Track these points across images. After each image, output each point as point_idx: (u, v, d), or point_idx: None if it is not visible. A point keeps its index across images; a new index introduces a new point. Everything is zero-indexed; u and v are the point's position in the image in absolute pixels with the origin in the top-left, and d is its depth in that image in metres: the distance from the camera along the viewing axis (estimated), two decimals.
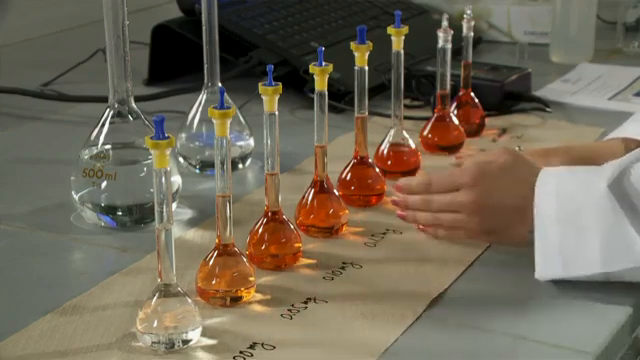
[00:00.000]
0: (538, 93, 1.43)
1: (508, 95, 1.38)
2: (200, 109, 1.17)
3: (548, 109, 1.38)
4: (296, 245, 0.96)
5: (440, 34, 1.20)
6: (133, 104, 1.04)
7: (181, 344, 0.82)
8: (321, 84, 0.98)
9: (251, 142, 1.20)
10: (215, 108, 0.85)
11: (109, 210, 1.04)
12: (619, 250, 0.88)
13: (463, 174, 0.98)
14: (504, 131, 1.31)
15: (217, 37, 1.14)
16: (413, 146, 1.16)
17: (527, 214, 0.93)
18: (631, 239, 0.88)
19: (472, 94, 1.29)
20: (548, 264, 0.91)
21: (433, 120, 1.24)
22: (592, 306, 0.89)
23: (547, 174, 0.94)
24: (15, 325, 0.85)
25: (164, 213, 0.81)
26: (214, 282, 0.89)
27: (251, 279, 0.90)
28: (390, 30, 1.09)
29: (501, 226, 0.97)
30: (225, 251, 0.89)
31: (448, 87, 1.22)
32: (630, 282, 0.90)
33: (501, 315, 0.88)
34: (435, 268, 0.95)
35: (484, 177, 0.97)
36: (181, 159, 1.19)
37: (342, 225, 1.03)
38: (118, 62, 1.01)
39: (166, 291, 0.83)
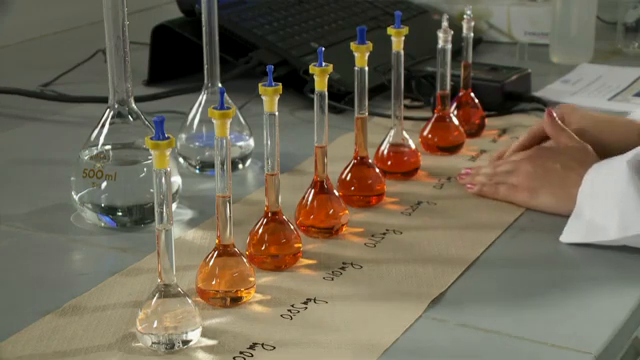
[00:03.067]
0: (538, 94, 1.43)
1: (508, 95, 1.38)
2: (200, 109, 1.17)
3: None
4: (296, 245, 0.96)
5: (440, 35, 1.20)
6: (133, 104, 1.04)
7: (181, 344, 0.82)
8: (321, 84, 0.98)
9: (251, 142, 1.20)
10: (215, 108, 0.85)
11: (109, 210, 1.04)
12: (634, 218, 0.97)
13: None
14: (504, 131, 1.32)
15: (217, 38, 1.14)
16: (413, 146, 1.16)
17: (567, 186, 1.04)
18: None
19: (472, 94, 1.29)
20: (574, 230, 1.01)
21: (433, 120, 1.24)
22: (592, 306, 0.89)
23: (598, 165, 1.04)
24: (15, 326, 0.85)
25: (164, 214, 0.81)
26: (214, 282, 0.89)
27: (251, 279, 0.90)
28: (390, 31, 1.09)
29: (543, 185, 1.07)
30: (225, 251, 0.89)
31: (448, 87, 1.22)
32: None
33: (501, 315, 0.88)
34: (435, 268, 0.95)
35: (543, 148, 1.12)
36: (181, 159, 1.19)
37: (342, 225, 1.03)
38: (118, 62, 1.01)
39: (166, 291, 0.83)
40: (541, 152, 1.11)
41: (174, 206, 1.06)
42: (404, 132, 1.15)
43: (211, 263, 0.89)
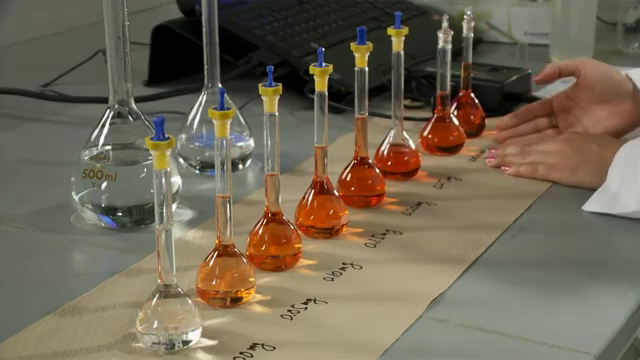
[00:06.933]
0: (538, 94, 1.43)
1: (508, 96, 1.38)
2: (200, 110, 1.17)
3: None
4: (296, 246, 0.96)
5: (440, 35, 1.20)
6: (133, 105, 1.04)
7: (181, 345, 0.82)
8: (321, 85, 0.98)
9: (251, 143, 1.20)
10: (215, 109, 0.85)
11: (109, 211, 1.04)
12: None
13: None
14: None
15: (217, 38, 1.14)
16: (413, 147, 1.16)
17: (604, 163, 1.08)
18: None
19: (472, 95, 1.29)
20: (598, 201, 1.06)
21: (433, 121, 1.24)
22: (592, 306, 0.89)
23: (631, 142, 1.10)
24: (15, 326, 0.85)
25: (164, 214, 0.81)
26: (214, 283, 0.89)
27: (251, 280, 0.90)
28: (390, 31, 1.09)
29: (582, 163, 1.12)
30: (225, 252, 0.89)
31: (448, 88, 1.22)
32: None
33: (501, 315, 0.88)
34: (435, 268, 0.95)
35: (575, 133, 1.20)
36: (181, 160, 1.19)
37: (342, 226, 1.03)
38: (118, 63, 1.01)
39: (166, 292, 0.83)
40: (574, 135, 1.17)
41: (174, 206, 1.06)
42: (404, 132, 1.15)
43: (211, 263, 0.89)
